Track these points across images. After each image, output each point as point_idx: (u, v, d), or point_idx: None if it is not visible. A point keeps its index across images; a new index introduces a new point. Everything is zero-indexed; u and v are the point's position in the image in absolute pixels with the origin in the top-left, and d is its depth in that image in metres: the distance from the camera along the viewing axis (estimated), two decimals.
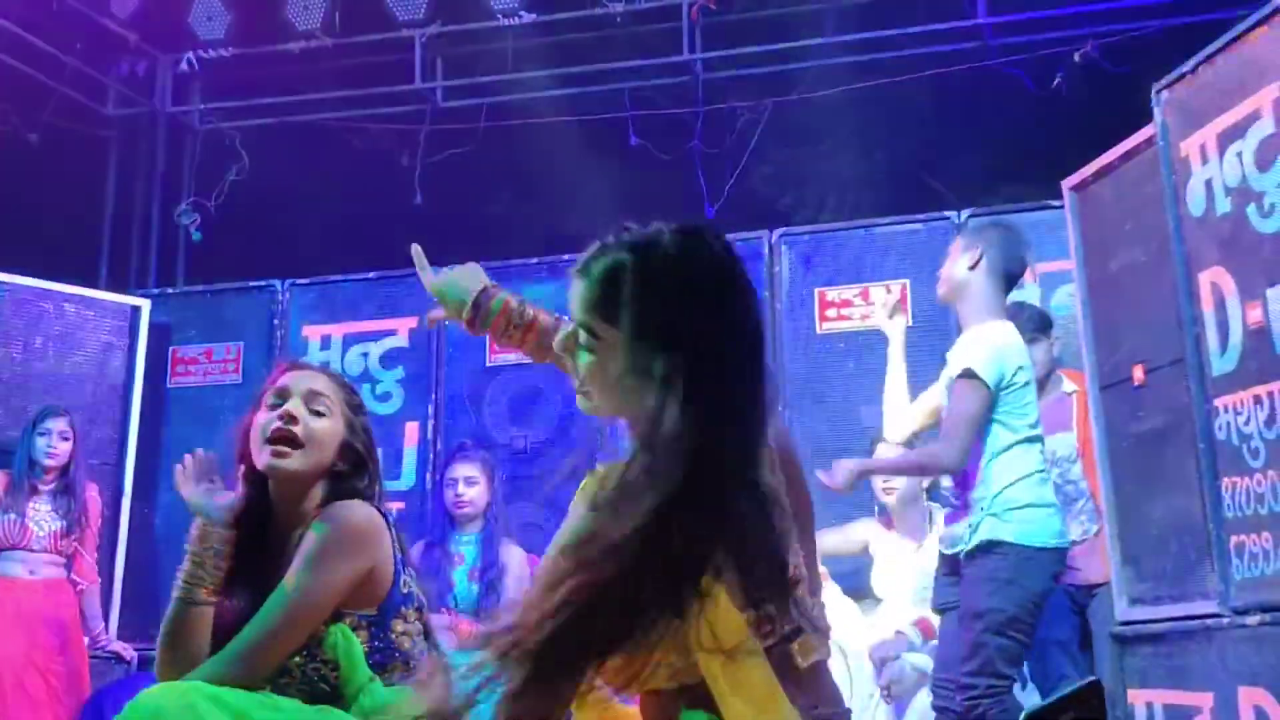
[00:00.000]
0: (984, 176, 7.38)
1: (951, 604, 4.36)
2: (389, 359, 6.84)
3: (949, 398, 4.37)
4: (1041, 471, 4.31)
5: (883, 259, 6.20)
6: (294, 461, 2.84)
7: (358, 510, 2.81)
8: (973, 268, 4.42)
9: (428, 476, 6.56)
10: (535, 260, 6.76)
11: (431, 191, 7.77)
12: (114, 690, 5.49)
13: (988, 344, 4.31)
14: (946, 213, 6.23)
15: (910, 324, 5.96)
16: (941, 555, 4.49)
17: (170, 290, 7.41)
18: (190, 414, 6.95)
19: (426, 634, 2.89)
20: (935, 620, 4.66)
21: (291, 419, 2.86)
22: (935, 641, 4.71)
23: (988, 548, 4.19)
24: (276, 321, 6.97)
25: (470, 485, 5.39)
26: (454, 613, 5.13)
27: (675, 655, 1.75)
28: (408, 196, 7.74)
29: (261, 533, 2.89)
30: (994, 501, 4.22)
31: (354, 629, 2.75)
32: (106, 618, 6.27)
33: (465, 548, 5.38)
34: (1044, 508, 4.24)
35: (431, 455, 6.61)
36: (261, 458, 2.86)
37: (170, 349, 7.06)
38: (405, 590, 2.84)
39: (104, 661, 6.13)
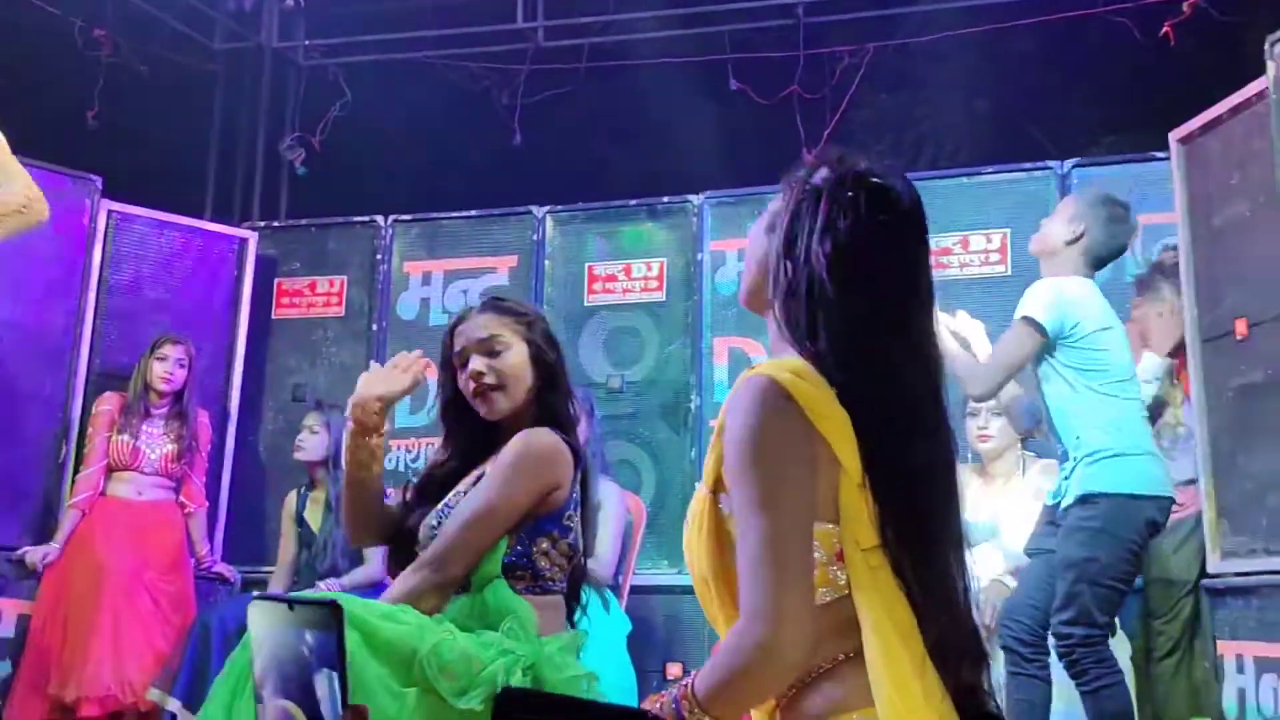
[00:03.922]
0: (1088, 127, 7.32)
1: (1042, 550, 4.39)
2: (489, 295, 6.84)
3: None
4: (1133, 420, 4.31)
5: (982, 208, 6.16)
6: (502, 403, 3.13)
7: (544, 437, 3.04)
8: (1071, 242, 4.44)
9: None
10: (634, 202, 6.79)
11: (531, 131, 7.79)
12: (219, 610, 5.58)
13: (1054, 292, 4.34)
14: (1049, 163, 6.17)
15: (1009, 274, 6.03)
16: (1044, 505, 4.52)
17: (275, 224, 7.44)
18: (293, 344, 7.04)
19: (570, 578, 3.10)
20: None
21: (479, 375, 3.12)
22: None
23: (1082, 500, 4.21)
24: (379, 256, 6.97)
25: None
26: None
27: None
28: (507, 136, 7.76)
29: (482, 427, 3.18)
30: (1083, 453, 4.25)
31: (507, 535, 2.98)
32: (212, 540, 6.35)
33: None
34: (1137, 456, 4.25)
35: None
36: (480, 409, 3.15)
37: (275, 281, 7.10)
38: (567, 523, 3.06)
39: (209, 583, 6.24)
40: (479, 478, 3.11)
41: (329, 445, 5.91)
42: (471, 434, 3.23)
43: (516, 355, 3.16)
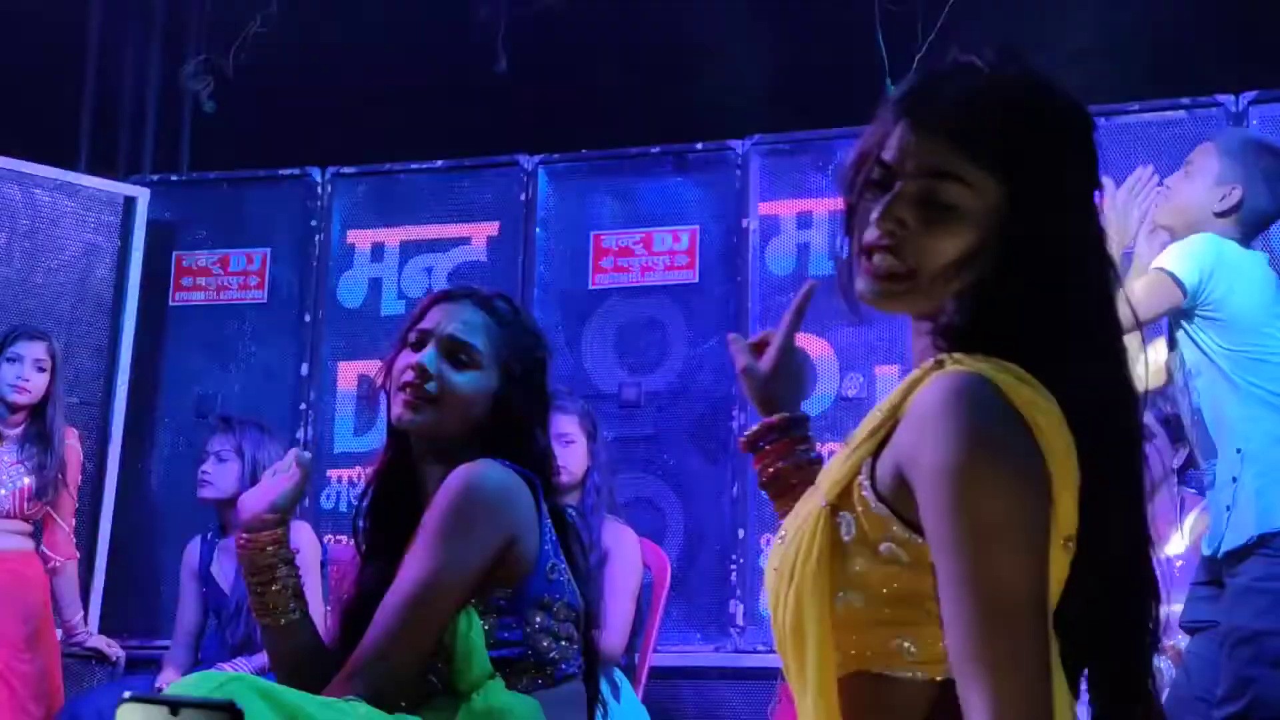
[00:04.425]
0: (1272, 49, 7.16)
1: (1205, 623, 4.29)
2: (461, 276, 6.83)
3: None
4: None
5: (1129, 156, 6.02)
6: (424, 417, 3.10)
7: (488, 472, 3.02)
8: (1223, 214, 4.35)
9: None
10: (656, 149, 6.81)
11: (520, 56, 7.70)
12: (95, 699, 5.54)
13: (1207, 245, 4.24)
14: (1219, 97, 6.12)
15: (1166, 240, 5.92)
16: (1201, 559, 4.41)
17: (174, 178, 7.45)
18: (198, 341, 7.04)
19: (583, 649, 3.11)
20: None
21: (424, 373, 3.10)
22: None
23: (1255, 544, 4.09)
24: (314, 223, 7.01)
25: (565, 445, 5.33)
26: None
27: None
28: (488, 62, 7.66)
29: (406, 496, 3.18)
30: (1251, 472, 4.13)
31: (481, 614, 2.96)
32: (86, 604, 6.34)
33: None
34: None
35: None
36: (394, 408, 3.14)
37: (174, 255, 7.12)
38: (553, 577, 3.05)
39: (82, 662, 6.22)
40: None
41: (244, 477, 5.83)
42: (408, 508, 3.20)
43: (477, 383, 3.16)
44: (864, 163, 1.97)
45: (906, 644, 1.82)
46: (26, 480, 5.90)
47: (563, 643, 3.04)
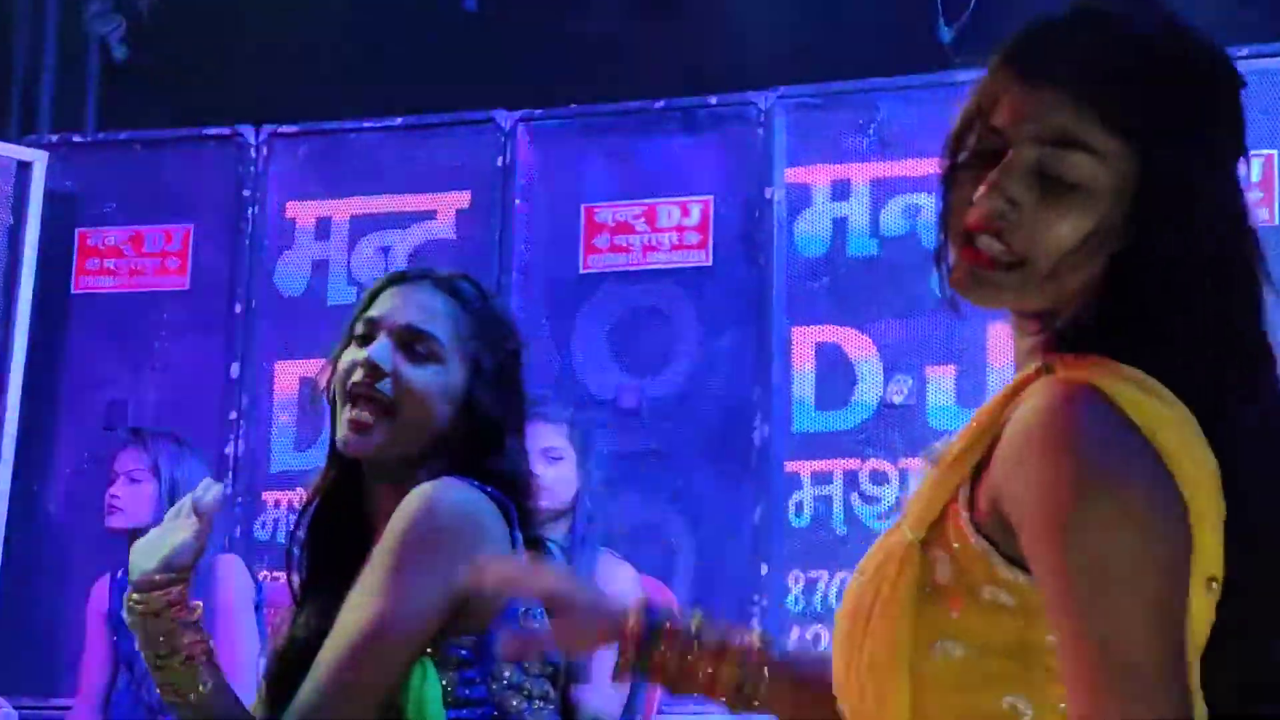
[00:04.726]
0: None
1: None
2: (424, 257, 6.82)
3: None
4: None
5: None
6: (378, 437, 3.06)
7: (450, 494, 2.97)
8: None
9: None
10: (661, 104, 6.83)
11: None
12: None
13: None
14: None
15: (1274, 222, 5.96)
16: None
17: (77, 139, 7.48)
18: (107, 336, 7.04)
19: (560, 711, 3.06)
20: None
21: (375, 371, 3.06)
22: None
23: None
24: (246, 193, 7.00)
25: (551, 462, 5.34)
26: None
27: None
28: None
29: (352, 522, 3.14)
30: None
31: (439, 666, 2.92)
32: None
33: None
34: None
35: None
36: (339, 426, 3.10)
37: (76, 232, 7.15)
38: (526, 624, 2.96)
39: None
40: None
41: (161, 501, 5.81)
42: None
43: (438, 381, 3.12)
44: (968, 127, 1.94)
45: (1020, 704, 1.80)
46: None
47: (536, 702, 3.00)
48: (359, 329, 3.14)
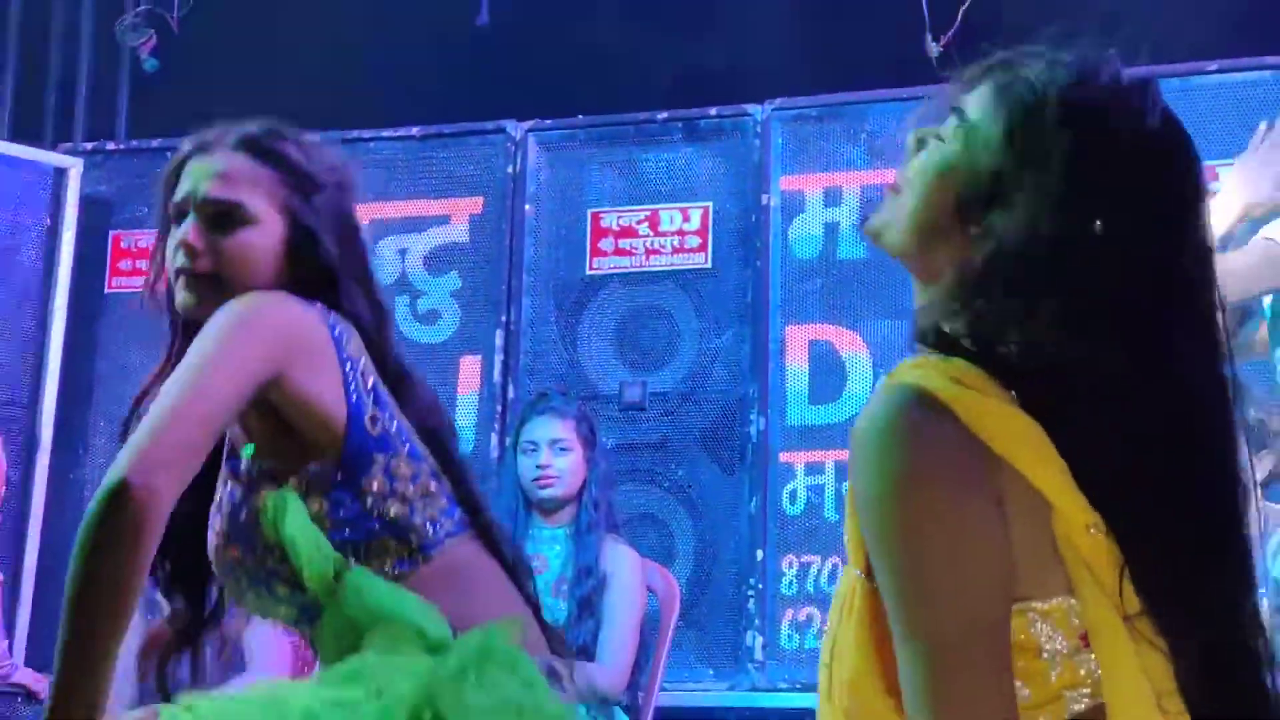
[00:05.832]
0: None
1: None
2: (439, 260, 6.92)
3: None
4: None
5: (1205, 126, 5.94)
6: (207, 296, 2.91)
7: (254, 296, 2.86)
8: None
9: (493, 439, 6.65)
10: (663, 115, 6.86)
11: (505, 8, 7.64)
12: None
13: None
14: None
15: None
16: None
17: (110, 146, 7.40)
18: (140, 334, 6.71)
19: (461, 499, 2.94)
20: None
21: (191, 251, 2.94)
22: None
23: None
24: None
25: (559, 453, 5.47)
26: None
27: None
28: (468, 14, 7.59)
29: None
30: None
31: (305, 497, 2.80)
32: (11, 634, 6.31)
33: (548, 547, 5.48)
34: None
35: (500, 407, 6.69)
36: (176, 301, 2.98)
37: (110, 235, 7.11)
38: (377, 431, 2.86)
39: (7, 699, 6.22)
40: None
41: None
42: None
43: (261, 240, 2.99)
44: None
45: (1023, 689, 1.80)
46: None
47: (418, 502, 2.85)
48: (172, 212, 3.00)
